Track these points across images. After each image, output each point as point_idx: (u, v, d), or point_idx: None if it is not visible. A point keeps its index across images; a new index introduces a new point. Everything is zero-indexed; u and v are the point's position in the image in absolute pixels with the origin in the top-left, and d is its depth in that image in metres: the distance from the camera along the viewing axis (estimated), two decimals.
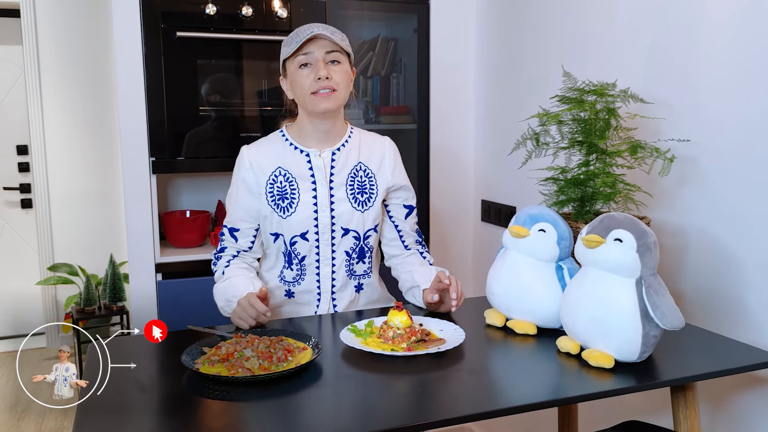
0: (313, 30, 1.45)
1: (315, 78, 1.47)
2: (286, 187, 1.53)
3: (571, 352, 1.26)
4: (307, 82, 1.48)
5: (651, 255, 1.19)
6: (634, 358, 1.20)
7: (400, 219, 1.66)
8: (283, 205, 1.53)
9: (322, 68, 1.46)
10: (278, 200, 1.53)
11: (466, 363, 1.25)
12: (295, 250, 1.55)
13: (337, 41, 1.47)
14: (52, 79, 3.78)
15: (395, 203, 1.65)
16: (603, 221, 1.23)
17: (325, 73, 1.46)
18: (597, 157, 1.54)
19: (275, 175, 1.54)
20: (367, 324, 1.38)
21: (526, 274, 1.39)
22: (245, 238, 1.59)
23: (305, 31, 1.47)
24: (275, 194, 1.53)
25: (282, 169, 1.54)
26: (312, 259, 1.56)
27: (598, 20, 1.97)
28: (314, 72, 1.47)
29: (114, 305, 3.37)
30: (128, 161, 2.25)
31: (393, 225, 1.65)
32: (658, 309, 1.16)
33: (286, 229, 1.54)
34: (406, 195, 1.66)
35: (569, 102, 1.55)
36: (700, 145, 1.63)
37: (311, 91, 1.48)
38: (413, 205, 1.68)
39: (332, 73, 1.48)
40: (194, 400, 1.10)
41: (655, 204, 1.72)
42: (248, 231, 1.58)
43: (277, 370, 1.15)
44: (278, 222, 1.54)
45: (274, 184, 1.53)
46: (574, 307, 1.25)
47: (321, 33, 1.45)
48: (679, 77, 1.68)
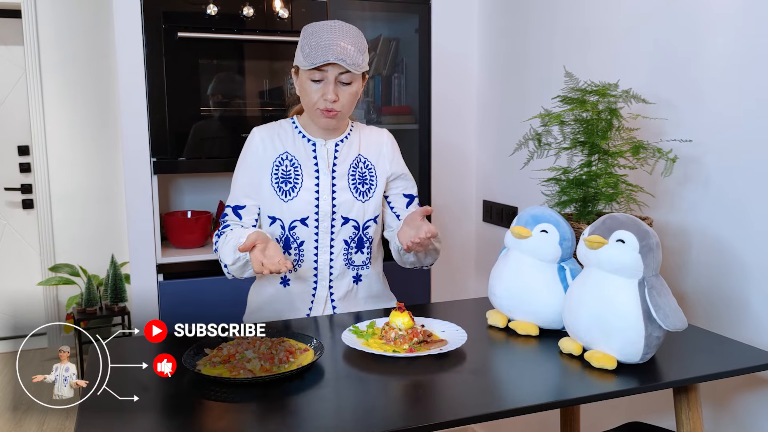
0: (328, 58, 1.44)
1: (323, 96, 1.49)
2: (290, 172, 1.57)
3: (573, 353, 1.26)
4: (314, 97, 1.50)
5: (653, 256, 1.19)
6: (637, 359, 1.19)
7: (401, 209, 1.67)
8: (285, 188, 1.56)
9: (331, 91, 1.48)
10: (281, 183, 1.56)
11: (468, 364, 1.25)
12: (294, 234, 1.56)
13: (352, 68, 1.46)
14: (53, 80, 3.79)
15: (395, 193, 1.67)
16: (605, 222, 1.23)
17: (333, 97, 1.49)
18: (599, 158, 1.53)
19: (282, 158, 1.58)
20: (369, 325, 1.38)
21: (528, 275, 1.39)
22: (250, 216, 1.60)
23: (325, 48, 1.45)
24: (279, 176, 1.56)
25: (289, 154, 1.58)
26: (310, 246, 1.57)
27: (600, 20, 1.97)
28: (323, 90, 1.49)
29: (115, 306, 3.37)
30: (129, 162, 2.25)
31: (395, 215, 1.67)
32: (660, 310, 1.16)
33: (287, 213, 1.56)
34: (405, 184, 1.67)
35: (571, 102, 1.55)
36: (702, 145, 1.62)
37: (317, 107, 1.51)
38: (414, 194, 1.69)
39: (341, 94, 1.50)
40: (196, 402, 1.09)
41: (657, 204, 1.71)
42: (253, 209, 1.60)
43: (279, 371, 1.15)
44: (279, 205, 1.56)
45: (280, 167, 1.57)
46: (577, 308, 1.24)
47: (338, 60, 1.44)
48: (681, 76, 1.68)
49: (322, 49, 1.46)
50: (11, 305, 4.02)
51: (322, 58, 1.45)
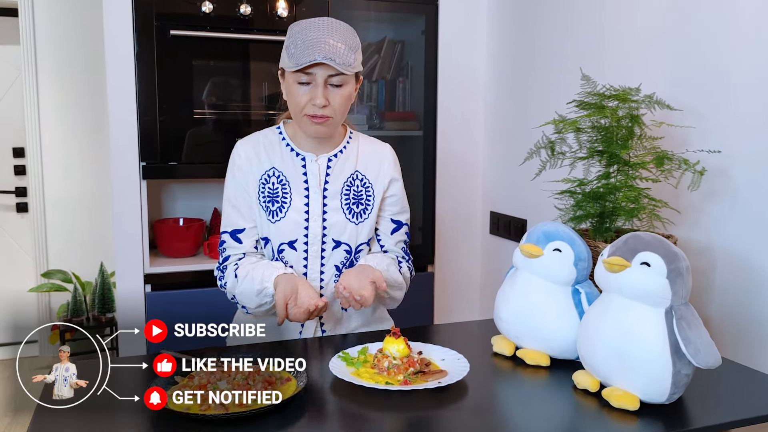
0: (315, 57, 1.28)
1: (311, 101, 1.33)
2: (278, 190, 1.42)
3: (589, 389, 1.12)
4: (302, 101, 1.34)
5: (683, 282, 1.05)
6: (663, 399, 1.05)
7: (385, 233, 1.50)
8: (272, 208, 1.41)
9: (320, 95, 1.32)
10: (268, 202, 1.41)
11: (470, 400, 1.11)
12: (283, 258, 1.42)
13: (343, 68, 1.31)
14: (49, 80, 3.70)
15: (383, 216, 1.49)
16: (628, 242, 1.09)
17: (323, 101, 1.32)
18: (618, 169, 1.40)
19: (268, 174, 1.42)
20: (360, 351, 1.24)
21: (539, 298, 1.25)
22: (249, 240, 1.45)
23: (312, 47, 1.29)
24: (266, 195, 1.42)
25: (276, 169, 1.42)
26: (299, 272, 1.43)
27: (617, 19, 1.84)
28: (312, 94, 1.33)
29: (103, 316, 3.26)
30: (117, 165, 2.17)
31: (376, 238, 1.50)
32: (691, 344, 1.02)
33: (274, 235, 1.42)
34: (397, 209, 1.50)
35: (588, 108, 1.42)
36: (729, 157, 1.51)
37: (305, 112, 1.35)
38: (403, 221, 1.51)
39: (331, 97, 1.33)
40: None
41: (679, 220, 1.58)
42: (252, 231, 1.45)
43: (255, 406, 1.01)
44: (267, 226, 1.42)
45: (266, 185, 1.42)
46: (594, 338, 1.11)
47: (326, 60, 1.29)
48: (707, 80, 1.56)
49: (308, 47, 1.29)
50: (4, 311, 3.93)
51: (308, 57, 1.28)
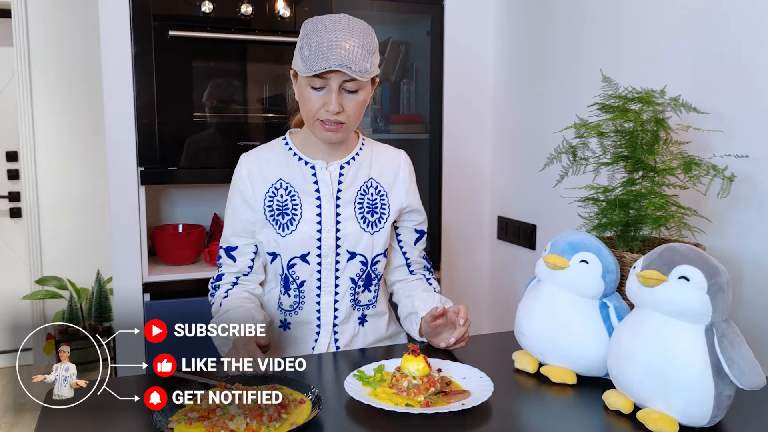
0: (330, 64, 1.21)
1: (324, 107, 1.27)
2: (287, 202, 1.35)
3: (622, 410, 1.05)
4: (315, 106, 1.27)
5: (723, 297, 0.98)
6: (704, 423, 0.98)
7: (409, 244, 1.47)
8: (282, 221, 1.34)
9: (334, 101, 1.25)
10: (277, 216, 1.35)
11: (495, 422, 1.04)
12: (294, 273, 1.35)
13: (358, 75, 1.24)
14: (44, 82, 3.62)
15: (407, 226, 1.46)
16: (663, 254, 1.02)
17: (336, 107, 1.26)
18: (643, 175, 1.33)
19: (276, 187, 1.36)
20: (377, 369, 1.17)
21: (565, 312, 1.18)
22: (244, 257, 1.40)
23: (327, 51, 1.22)
24: (274, 209, 1.35)
25: (284, 181, 1.36)
26: (312, 285, 1.36)
27: (637, 18, 1.78)
28: (325, 99, 1.26)
29: (100, 325, 3.18)
30: (114, 170, 2.10)
31: (400, 250, 1.47)
32: (734, 364, 0.95)
33: (284, 249, 1.35)
34: (419, 219, 1.47)
35: (611, 111, 1.35)
36: (756, 162, 1.44)
37: (318, 117, 1.28)
38: (425, 230, 1.48)
39: (345, 103, 1.27)
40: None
41: (703, 228, 1.51)
42: (247, 249, 1.40)
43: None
44: (276, 241, 1.35)
45: (274, 198, 1.35)
46: (627, 356, 1.04)
47: (341, 68, 1.22)
48: (731, 82, 1.51)
49: (323, 52, 1.22)
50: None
51: (322, 64, 1.22)
